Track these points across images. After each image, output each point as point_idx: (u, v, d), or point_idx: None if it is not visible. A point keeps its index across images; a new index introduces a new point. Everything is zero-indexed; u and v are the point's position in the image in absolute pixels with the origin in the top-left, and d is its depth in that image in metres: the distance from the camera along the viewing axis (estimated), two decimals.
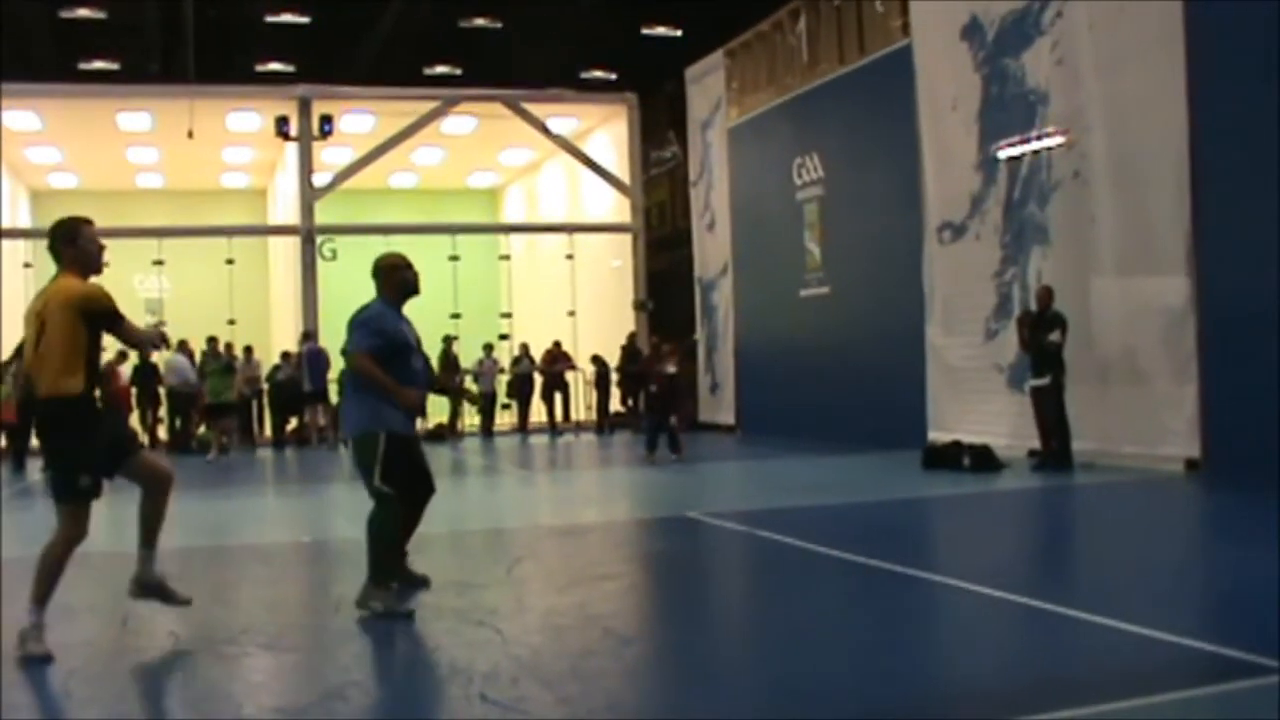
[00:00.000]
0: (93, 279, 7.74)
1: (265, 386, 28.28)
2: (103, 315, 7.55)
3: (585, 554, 10.40)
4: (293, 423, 28.36)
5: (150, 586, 7.99)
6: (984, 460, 16.77)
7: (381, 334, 8.80)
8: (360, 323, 8.86)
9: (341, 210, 31.12)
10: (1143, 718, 5.67)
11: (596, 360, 30.65)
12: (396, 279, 9.09)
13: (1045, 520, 13.96)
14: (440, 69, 32.70)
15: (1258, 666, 6.20)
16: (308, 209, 29.84)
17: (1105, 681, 6.27)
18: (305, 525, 14.53)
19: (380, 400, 8.65)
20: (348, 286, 21.47)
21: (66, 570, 7.41)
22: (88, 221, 7.82)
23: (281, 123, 29.76)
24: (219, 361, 26.25)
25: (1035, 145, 17.83)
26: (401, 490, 8.72)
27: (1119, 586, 8.96)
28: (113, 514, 8.68)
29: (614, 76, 33.99)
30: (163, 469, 8.11)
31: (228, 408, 25.81)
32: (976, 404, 19.07)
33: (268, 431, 28.69)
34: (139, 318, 31.50)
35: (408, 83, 31.24)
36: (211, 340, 26.84)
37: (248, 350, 28.39)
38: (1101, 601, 7.98)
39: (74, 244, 7.72)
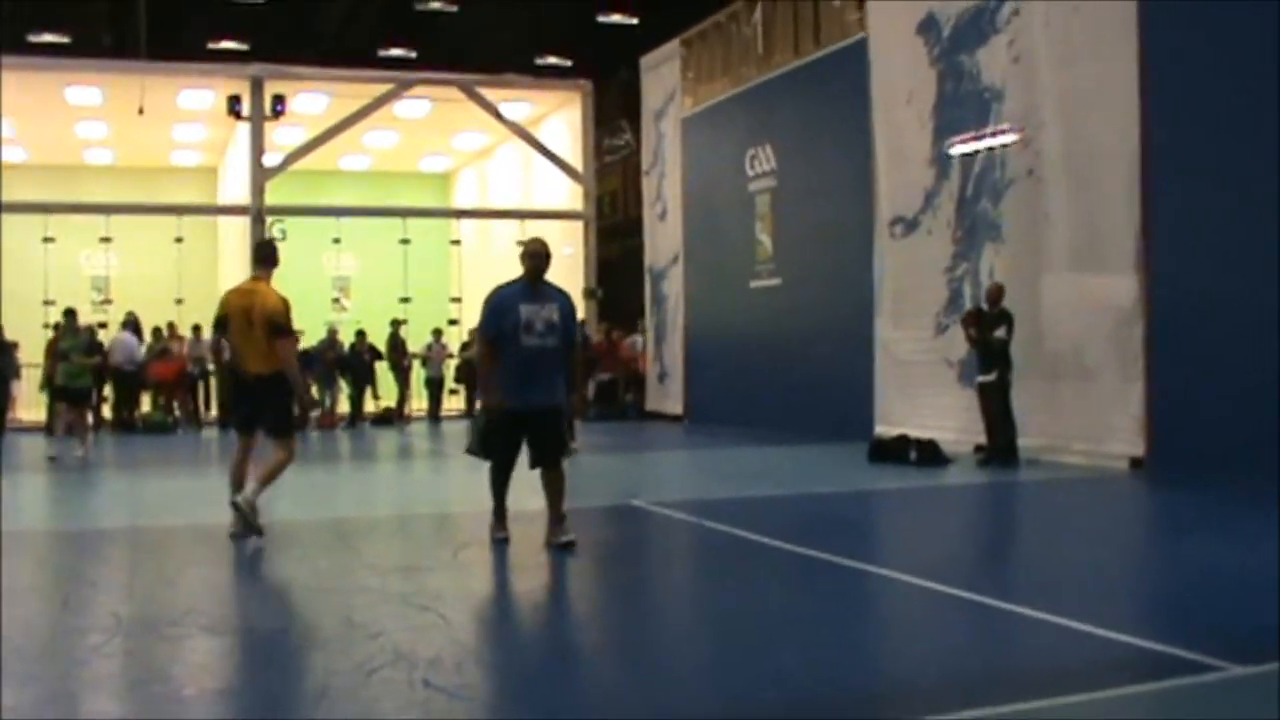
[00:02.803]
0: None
1: (211, 366, 28.07)
2: (282, 327, 10.78)
3: (530, 540, 10.36)
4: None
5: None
6: (930, 454, 16.82)
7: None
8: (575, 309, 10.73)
9: (292, 191, 30.89)
10: (1085, 715, 5.70)
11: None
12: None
13: (989, 515, 14.03)
14: (395, 51, 32.58)
15: (1199, 664, 6.24)
16: (258, 189, 29.60)
17: (1047, 677, 6.29)
18: None
19: None
20: (297, 267, 21.46)
21: (9, 553, 7.38)
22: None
23: (234, 101, 29.50)
24: (77, 339, 21.00)
25: (989, 142, 17.90)
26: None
27: (1061, 582, 8.99)
28: (53, 496, 8.60)
29: (569, 63, 33.96)
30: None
31: (82, 393, 21.01)
32: (924, 398, 19.12)
33: (214, 411, 28.46)
34: (84, 295, 31.44)
35: (362, 64, 31.11)
36: (69, 314, 21.53)
37: (195, 329, 28.17)
38: (1044, 597, 8.01)
39: (275, 262, 11.17)
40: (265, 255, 11.34)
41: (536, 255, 10.41)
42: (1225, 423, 14.10)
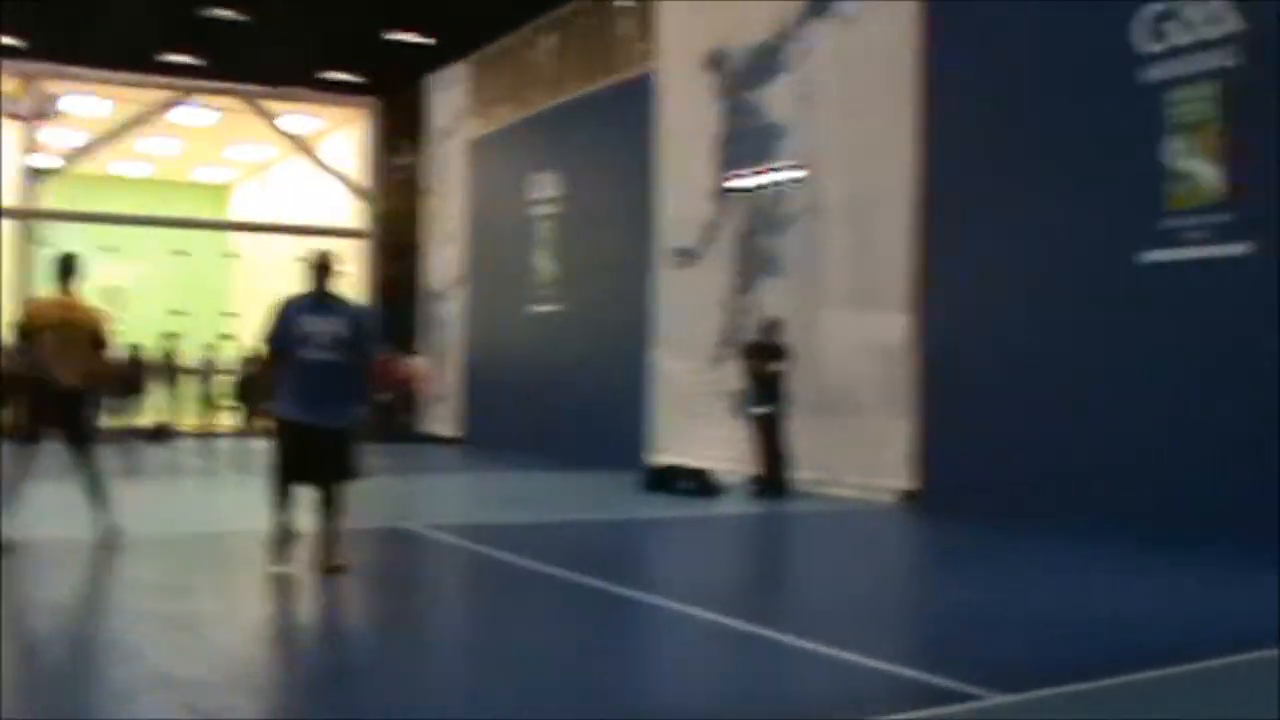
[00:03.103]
0: None
1: None
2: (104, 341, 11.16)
3: (299, 562, 10.19)
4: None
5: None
6: (704, 484, 16.93)
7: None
8: (376, 324, 10.20)
9: (65, 195, 30.09)
10: None
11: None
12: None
13: (760, 546, 14.16)
14: (179, 58, 31.88)
15: (961, 693, 6.35)
16: (28, 192, 28.79)
17: (814, 706, 6.36)
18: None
19: None
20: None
21: None
22: None
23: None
24: None
25: (772, 178, 18.12)
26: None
27: (828, 612, 9.11)
28: None
29: (358, 79, 33.54)
30: None
31: None
32: (699, 428, 19.25)
33: None
34: None
35: (143, 68, 30.33)
36: None
37: None
38: (811, 627, 8.10)
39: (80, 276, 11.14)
40: (72, 268, 11.20)
41: (319, 267, 10.13)
42: (990, 459, 14.48)
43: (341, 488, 10.03)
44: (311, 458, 9.86)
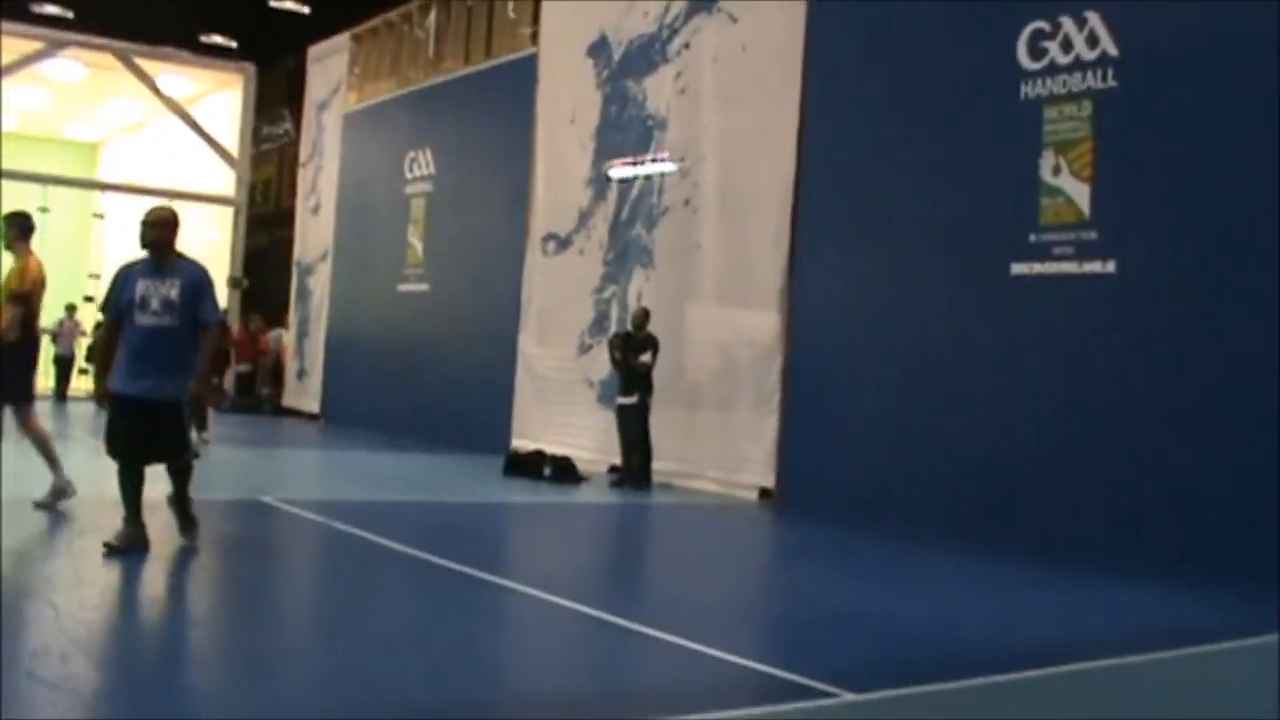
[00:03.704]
0: None
1: None
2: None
3: (152, 531, 10.01)
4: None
5: None
6: (565, 472, 16.93)
7: None
8: (210, 286, 9.59)
9: None
10: None
11: None
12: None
13: (618, 535, 14.17)
14: (50, 8, 31.24)
15: (811, 689, 6.38)
16: None
17: (664, 695, 6.35)
18: None
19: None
20: None
21: None
22: None
23: None
24: None
25: (648, 169, 18.14)
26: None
27: (682, 604, 9.12)
28: None
29: (234, 44, 33.13)
30: None
31: None
32: (563, 416, 19.25)
33: None
34: None
35: (12, 17, 29.62)
36: None
37: None
38: (664, 617, 8.10)
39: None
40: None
41: (153, 224, 9.63)
42: (848, 462, 14.66)
43: (179, 464, 9.66)
44: (133, 433, 9.33)
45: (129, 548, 9.17)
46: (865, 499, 14.33)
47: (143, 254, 9.63)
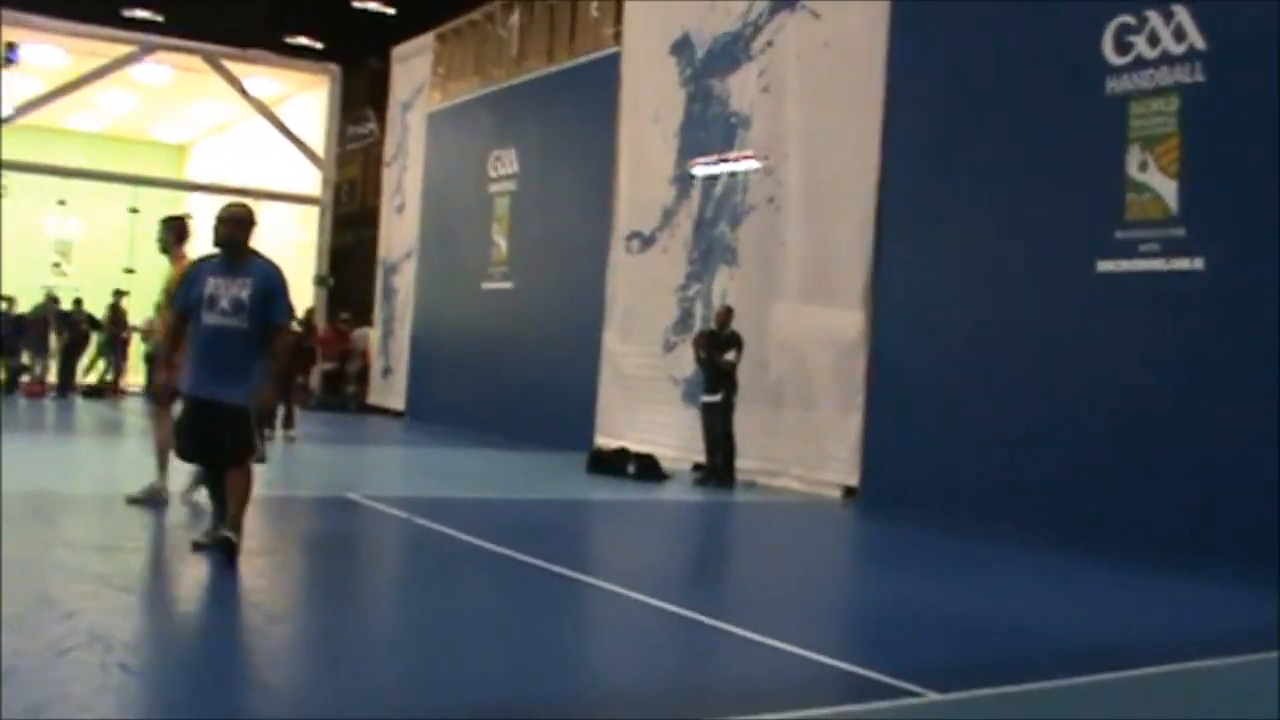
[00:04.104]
0: None
1: None
2: None
3: (246, 527, 10.09)
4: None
5: None
6: (649, 469, 16.93)
7: None
8: (283, 287, 9.21)
9: (18, 146, 29.74)
10: None
11: None
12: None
13: (701, 533, 14.15)
14: (140, 13, 31.66)
15: (897, 689, 6.35)
16: None
17: (749, 693, 6.34)
18: None
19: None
20: (17, 227, 20.60)
21: None
22: None
23: None
24: None
25: (731, 167, 18.10)
26: None
27: (767, 602, 9.11)
28: None
29: (319, 46, 33.41)
30: None
31: None
32: (647, 413, 19.25)
33: None
34: None
35: (105, 22, 30.04)
36: None
37: None
38: (749, 616, 8.08)
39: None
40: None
41: (227, 221, 9.21)
42: (933, 458, 14.56)
43: (242, 469, 9.03)
44: (200, 435, 9.04)
45: (214, 545, 8.98)
46: (950, 497, 14.22)
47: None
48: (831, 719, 6.12)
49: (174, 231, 11.73)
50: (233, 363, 8.86)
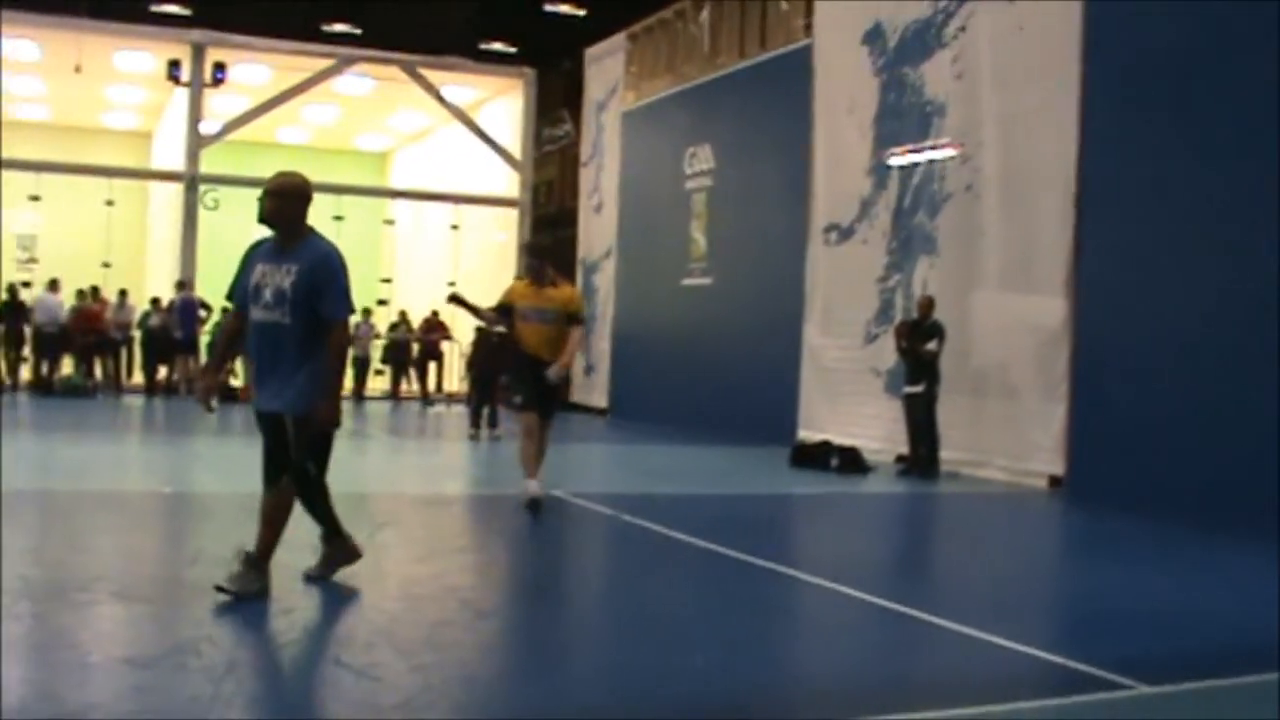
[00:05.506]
0: None
1: (136, 334, 27.80)
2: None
3: (447, 524, 10.32)
4: (162, 371, 27.92)
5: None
6: (852, 462, 16.88)
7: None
8: (337, 272, 7.59)
9: (227, 160, 30.62)
10: None
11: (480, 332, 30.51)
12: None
13: (907, 525, 14.07)
14: (339, 27, 32.32)
15: (1107, 681, 6.28)
16: (193, 156, 29.43)
17: (956, 687, 6.32)
18: (167, 475, 14.31)
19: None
20: (228, 238, 21.08)
21: None
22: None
23: (174, 66, 29.19)
24: None
25: (928, 155, 17.96)
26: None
27: (974, 594, 9.05)
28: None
29: (513, 50, 33.75)
30: None
31: None
32: (849, 406, 19.18)
33: (137, 377, 28.14)
34: (9, 252, 31.12)
35: (305, 37, 30.81)
36: None
37: (122, 294, 28.02)
38: (956, 608, 8.05)
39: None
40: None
41: (272, 193, 7.74)
42: (1142, 447, 14.23)
43: (284, 487, 7.76)
44: (266, 450, 7.79)
45: (330, 565, 8.10)
46: (1157, 487, 13.85)
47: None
48: (1041, 712, 6.06)
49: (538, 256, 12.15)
50: (274, 366, 7.58)
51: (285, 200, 7.69)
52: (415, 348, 30.80)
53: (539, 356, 11.43)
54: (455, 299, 12.09)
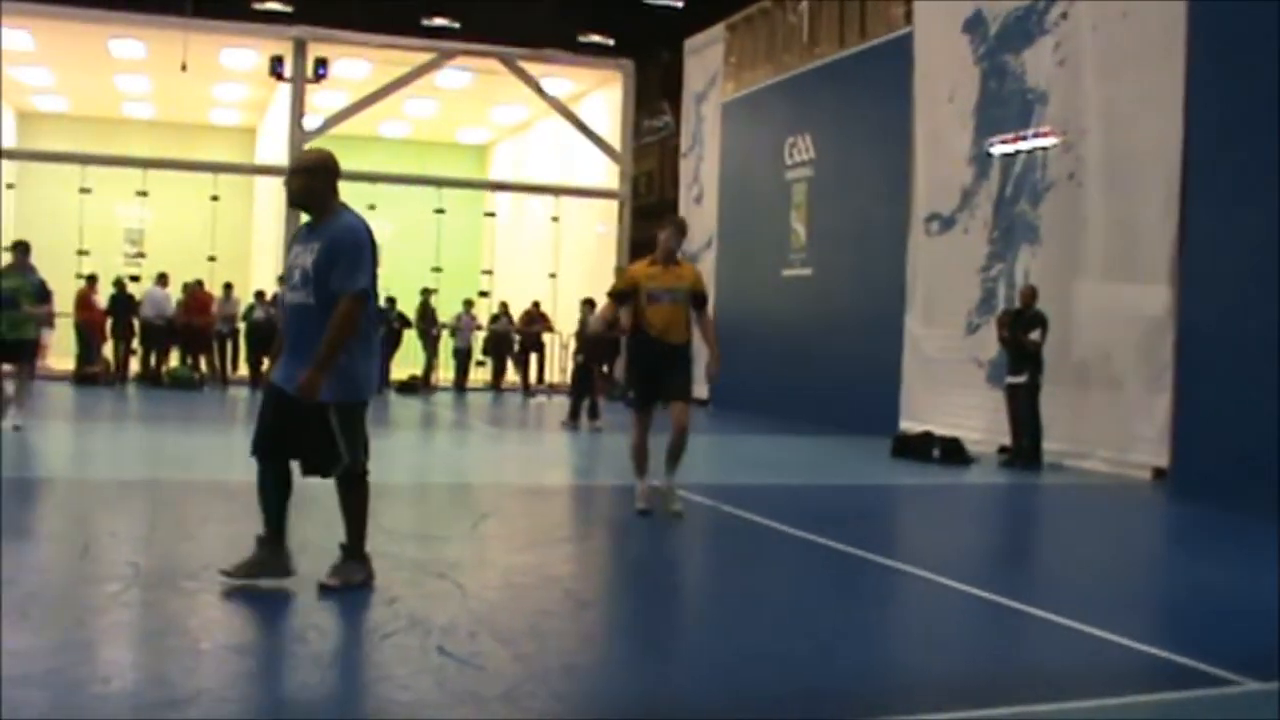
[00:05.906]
0: None
1: (241, 326, 28.15)
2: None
3: (549, 515, 10.37)
4: (265, 364, 28.16)
5: None
6: (953, 453, 16.79)
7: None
8: (354, 246, 7.33)
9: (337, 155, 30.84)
10: (1093, 718, 5.69)
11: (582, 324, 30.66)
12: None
13: (1010, 517, 13.99)
14: (438, 21, 32.60)
15: (1213, 676, 6.23)
16: (296, 151, 29.66)
17: (1060, 680, 6.28)
18: None
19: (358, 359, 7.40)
20: None
21: (30, 498, 7.36)
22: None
23: (276, 63, 29.52)
24: (24, 279, 16.18)
25: (1030, 144, 17.81)
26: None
27: (1078, 587, 8.97)
28: (76, 445, 8.61)
29: (611, 42, 33.87)
30: None
31: (23, 347, 16.04)
32: (951, 396, 19.07)
33: (242, 369, 28.48)
34: (118, 247, 31.67)
35: (405, 32, 31.07)
36: (19, 247, 16.63)
37: (227, 287, 28.42)
38: (1059, 601, 7.98)
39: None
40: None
41: (296, 171, 7.64)
42: (1249, 438, 13.99)
43: (342, 479, 7.55)
44: (272, 425, 7.48)
45: (251, 575, 7.40)
46: (1264, 480, 13.60)
47: None
48: (1153, 709, 6.01)
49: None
50: (307, 348, 7.22)
51: (310, 176, 7.54)
52: (516, 339, 30.96)
53: (665, 339, 11.28)
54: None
